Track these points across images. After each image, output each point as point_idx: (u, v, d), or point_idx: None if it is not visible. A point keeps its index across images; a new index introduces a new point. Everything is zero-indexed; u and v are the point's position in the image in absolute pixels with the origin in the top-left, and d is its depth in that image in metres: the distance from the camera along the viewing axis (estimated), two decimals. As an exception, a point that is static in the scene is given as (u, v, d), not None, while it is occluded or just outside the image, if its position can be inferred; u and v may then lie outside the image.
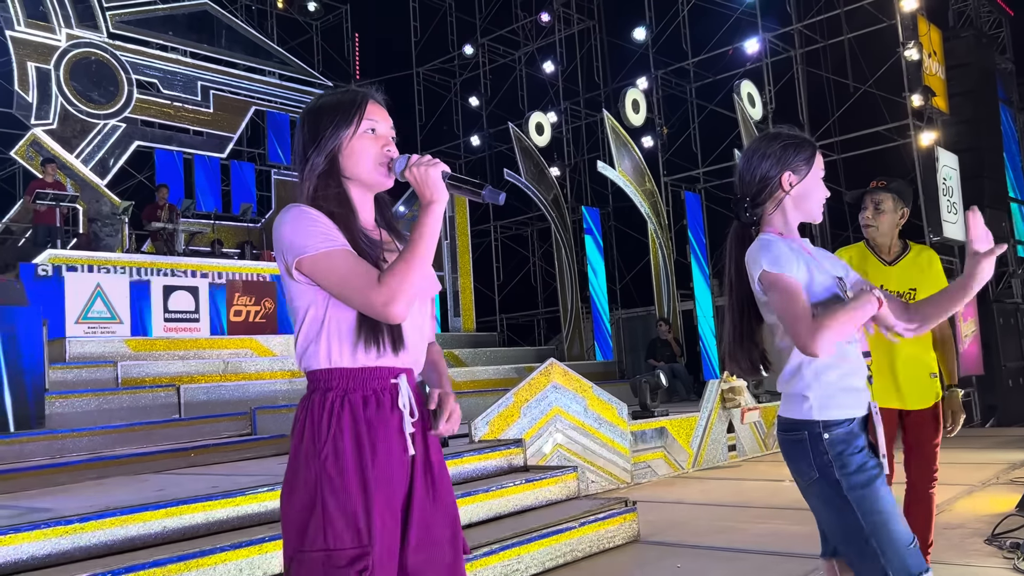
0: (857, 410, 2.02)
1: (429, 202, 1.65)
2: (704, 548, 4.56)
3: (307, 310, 1.65)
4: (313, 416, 1.61)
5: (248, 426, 6.93)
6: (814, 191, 2.11)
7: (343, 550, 1.54)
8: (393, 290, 1.56)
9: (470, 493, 4.57)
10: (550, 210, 13.39)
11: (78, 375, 7.28)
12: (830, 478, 1.97)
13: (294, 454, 1.62)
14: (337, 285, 1.60)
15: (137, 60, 13.08)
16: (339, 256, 1.60)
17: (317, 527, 1.55)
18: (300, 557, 1.56)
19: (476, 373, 10.03)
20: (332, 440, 1.58)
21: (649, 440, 7.37)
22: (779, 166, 2.09)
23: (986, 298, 12.44)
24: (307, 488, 1.57)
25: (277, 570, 3.51)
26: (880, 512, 1.93)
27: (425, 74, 18.52)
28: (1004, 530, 4.32)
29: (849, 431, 1.99)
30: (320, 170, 1.71)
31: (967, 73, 12.44)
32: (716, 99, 14.06)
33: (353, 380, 1.63)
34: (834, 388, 2.00)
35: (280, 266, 1.68)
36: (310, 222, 1.63)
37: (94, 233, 11.77)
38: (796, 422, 2.03)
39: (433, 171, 1.65)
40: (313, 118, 1.76)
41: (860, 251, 3.46)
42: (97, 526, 3.30)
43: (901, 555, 1.91)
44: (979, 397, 11.87)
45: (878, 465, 1.99)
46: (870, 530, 1.92)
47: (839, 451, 1.97)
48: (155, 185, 12.68)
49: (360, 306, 1.60)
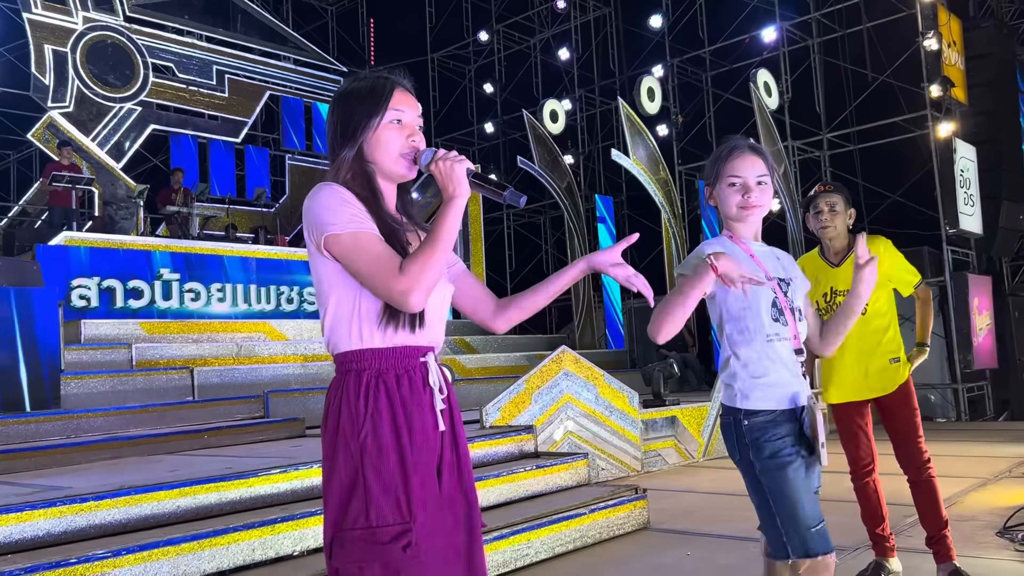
0: (778, 403, 2.18)
1: (451, 197, 1.66)
2: (713, 536, 4.57)
3: (335, 289, 1.66)
4: (349, 397, 1.62)
5: (261, 409, 6.97)
6: (728, 197, 2.28)
7: (386, 527, 1.56)
8: (412, 280, 1.57)
9: (481, 478, 4.59)
10: (563, 198, 13.36)
11: (93, 356, 7.34)
12: (747, 460, 2.19)
13: (331, 436, 1.63)
14: (359, 266, 1.61)
15: (153, 44, 13.11)
16: (366, 239, 1.62)
17: (359, 506, 1.57)
18: (342, 536, 1.58)
19: (488, 360, 10.05)
20: (370, 419, 1.60)
21: (660, 429, 7.37)
22: (707, 178, 2.36)
23: (1001, 291, 12.35)
24: (347, 468, 1.59)
25: (289, 550, 3.55)
26: (786, 496, 2.12)
27: (440, 60, 18.49)
28: (1016, 523, 4.30)
29: (769, 420, 2.17)
30: (348, 156, 1.73)
31: (987, 64, 12.30)
32: (732, 88, 13.98)
33: (386, 360, 1.65)
34: (756, 382, 2.19)
35: (309, 242, 1.69)
36: (341, 201, 1.65)
37: (109, 216, 11.83)
38: (726, 408, 2.26)
39: (459, 167, 1.67)
40: (343, 103, 1.78)
41: (811, 258, 3.67)
42: (111, 504, 3.34)
43: (802, 536, 2.11)
44: (993, 391, 11.80)
45: (796, 454, 2.15)
46: (776, 510, 2.13)
47: (755, 437, 2.17)
48: (170, 169, 12.73)
49: (379, 291, 1.62)
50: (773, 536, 2.17)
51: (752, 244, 2.29)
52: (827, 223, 3.53)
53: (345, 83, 1.85)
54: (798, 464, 2.15)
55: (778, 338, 2.19)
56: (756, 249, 2.30)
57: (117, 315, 8.57)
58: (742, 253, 2.25)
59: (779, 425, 2.17)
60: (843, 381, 3.55)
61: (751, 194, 2.24)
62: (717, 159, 2.31)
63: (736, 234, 2.29)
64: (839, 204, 3.54)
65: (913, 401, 3.51)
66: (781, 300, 2.22)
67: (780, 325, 2.20)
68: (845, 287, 3.49)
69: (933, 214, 11.24)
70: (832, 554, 2.14)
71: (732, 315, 2.21)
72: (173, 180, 12.04)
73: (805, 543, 2.11)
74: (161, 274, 9.05)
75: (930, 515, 3.43)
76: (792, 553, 2.12)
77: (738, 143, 2.30)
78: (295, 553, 3.58)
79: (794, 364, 2.21)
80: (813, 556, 2.10)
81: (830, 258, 3.61)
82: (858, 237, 2.32)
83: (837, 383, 3.57)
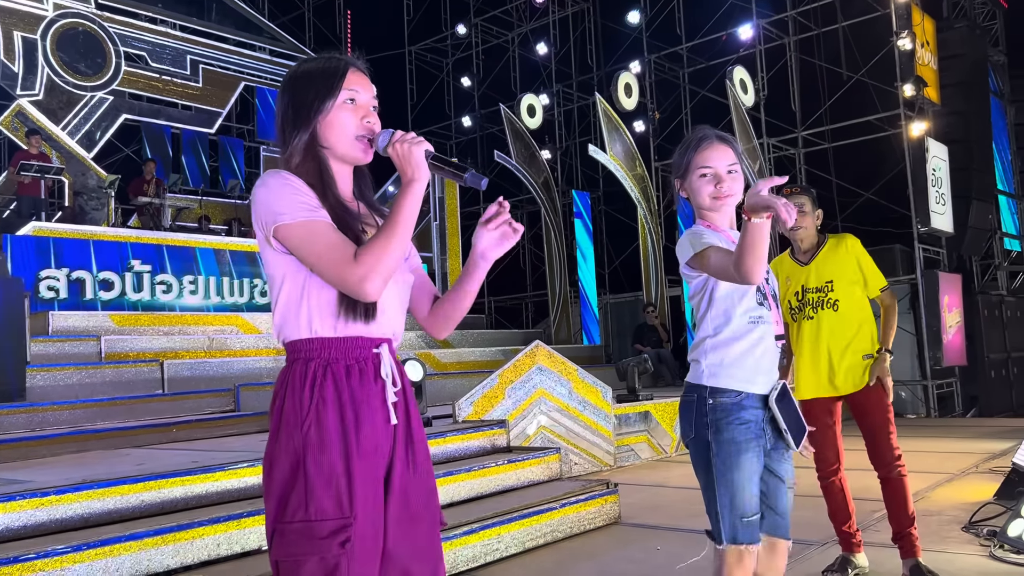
0: (750, 386, 2.17)
1: (410, 180, 1.62)
2: (684, 531, 4.58)
3: (285, 279, 1.62)
4: (294, 386, 1.58)
5: (232, 403, 6.90)
6: (700, 188, 2.27)
7: (324, 521, 1.52)
8: (368, 268, 1.53)
9: (452, 472, 4.58)
10: (540, 193, 13.35)
11: (61, 348, 7.23)
12: (703, 439, 2.18)
13: (275, 426, 1.59)
14: (312, 257, 1.57)
15: (125, 32, 12.91)
16: (318, 227, 1.57)
17: (299, 499, 1.52)
18: (281, 529, 1.54)
19: (463, 355, 10.02)
20: (315, 409, 1.55)
21: (633, 424, 7.39)
22: (674, 173, 2.36)
23: (971, 290, 12.51)
24: (289, 459, 1.55)
25: (255, 545, 3.51)
26: (731, 483, 2.14)
27: (417, 53, 18.39)
28: (981, 518, 4.35)
29: (735, 403, 2.16)
30: (300, 140, 1.67)
31: (959, 64, 12.44)
32: (709, 85, 14.03)
33: (335, 349, 1.60)
34: (728, 361, 2.17)
35: (258, 232, 1.63)
36: (292, 190, 1.60)
37: (79, 206, 11.65)
38: (691, 385, 2.25)
39: (416, 149, 1.62)
40: (293, 86, 1.72)
41: (783, 260, 3.73)
42: (74, 498, 3.28)
43: (735, 524, 2.14)
44: (961, 388, 11.95)
45: (755, 441, 2.15)
46: (718, 494, 2.16)
47: (717, 417, 2.16)
48: (142, 159, 12.56)
49: (334, 281, 1.57)
50: (711, 514, 2.20)
51: (731, 232, 2.29)
52: (797, 224, 3.58)
53: (296, 65, 1.79)
54: (752, 454, 2.16)
55: (761, 321, 2.20)
56: (735, 236, 2.28)
57: (87, 307, 8.44)
58: (724, 239, 2.23)
59: (744, 409, 2.16)
60: (814, 377, 3.57)
61: (723, 184, 2.24)
62: (686, 150, 2.30)
63: (713, 223, 2.28)
64: (807, 205, 3.60)
65: (886, 399, 3.53)
66: (764, 286, 2.23)
67: (764, 309, 2.22)
68: (815, 284, 3.57)
69: (905, 212, 11.35)
70: (757, 546, 2.17)
71: (719, 295, 2.21)
72: (145, 170, 11.88)
73: (735, 531, 2.14)
74: (132, 266, 8.94)
75: (898, 512, 3.46)
76: (723, 538, 2.16)
77: (706, 133, 2.29)
78: (262, 548, 3.54)
79: (773, 349, 2.22)
80: (740, 544, 2.14)
81: (799, 257, 3.67)
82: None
83: (808, 379, 3.59)
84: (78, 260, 8.56)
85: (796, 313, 3.61)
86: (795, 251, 3.70)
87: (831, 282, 3.55)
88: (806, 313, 3.57)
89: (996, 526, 4.10)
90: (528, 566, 4.10)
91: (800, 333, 3.59)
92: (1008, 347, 13.14)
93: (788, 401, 2.20)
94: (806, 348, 3.57)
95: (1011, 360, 13.15)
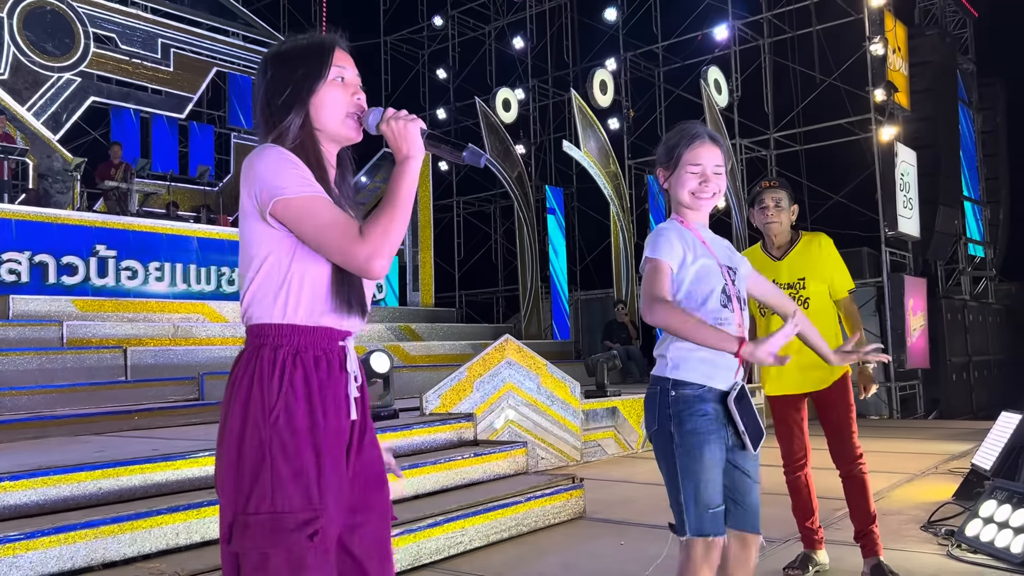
0: (713, 381, 2.19)
1: (406, 157, 1.59)
2: (647, 526, 4.60)
3: (267, 258, 1.56)
4: (263, 373, 1.51)
5: (196, 391, 6.81)
6: (686, 183, 2.27)
7: (293, 513, 1.47)
8: (376, 245, 1.50)
9: (418, 465, 4.55)
10: (514, 188, 13.33)
11: (21, 333, 7.07)
12: (666, 431, 2.20)
13: (239, 413, 1.51)
14: (315, 233, 1.52)
15: (95, 13, 12.67)
16: (322, 203, 1.53)
17: (264, 490, 1.47)
18: (244, 520, 1.47)
19: (432, 348, 9.98)
20: (284, 399, 1.50)
21: (600, 419, 7.41)
22: (658, 163, 2.35)
23: (936, 294, 12.70)
24: (254, 449, 1.49)
25: (215, 535, 3.45)
26: (695, 474, 2.15)
27: (393, 43, 18.28)
28: (940, 518, 4.42)
29: (697, 396, 2.18)
30: (292, 121, 1.62)
31: (929, 71, 12.61)
32: (683, 84, 14.09)
33: (306, 338, 1.55)
34: (691, 354, 2.18)
35: (249, 205, 1.56)
36: (291, 164, 1.55)
37: (44, 189, 11.42)
38: (655, 378, 2.27)
39: (412, 126, 1.60)
40: (279, 66, 1.67)
41: (754, 252, 3.72)
42: (28, 485, 3.21)
43: (700, 516, 2.14)
44: (924, 390, 12.14)
45: (716, 434, 2.16)
46: (682, 486, 2.16)
47: (679, 409, 2.18)
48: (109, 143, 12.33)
49: (339, 257, 1.53)
50: (675, 508, 2.21)
51: (702, 231, 2.30)
52: (772, 218, 3.59)
53: (278, 44, 1.74)
54: (714, 445, 2.17)
55: (725, 323, 2.20)
56: (706, 236, 2.31)
57: (49, 291, 8.27)
58: (693, 238, 2.25)
59: (706, 402, 2.18)
60: (781, 373, 3.58)
61: (708, 183, 2.26)
62: (678, 144, 2.29)
63: (687, 219, 2.29)
64: (784, 200, 3.60)
65: (850, 397, 3.56)
66: (730, 287, 2.24)
67: (727, 312, 2.22)
68: (787, 280, 3.58)
69: (873, 216, 11.49)
70: (723, 538, 2.17)
71: (681, 296, 2.21)
72: (112, 154, 11.66)
73: (701, 523, 2.14)
74: (97, 251, 8.78)
75: (859, 510, 3.49)
76: (688, 530, 2.16)
77: (699, 131, 2.30)
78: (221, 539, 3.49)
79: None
80: (706, 536, 2.14)
81: (772, 252, 3.67)
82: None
83: (775, 375, 3.60)
84: (41, 244, 8.39)
85: (766, 308, 3.61)
86: (767, 245, 3.70)
87: (803, 279, 3.56)
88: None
89: (954, 526, 4.16)
90: (492, 559, 4.09)
91: (769, 329, 3.59)
92: (969, 351, 13.38)
93: (746, 403, 2.20)
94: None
95: (972, 364, 13.39)
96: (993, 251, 15.36)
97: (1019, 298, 15.99)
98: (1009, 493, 3.87)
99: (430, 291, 12.72)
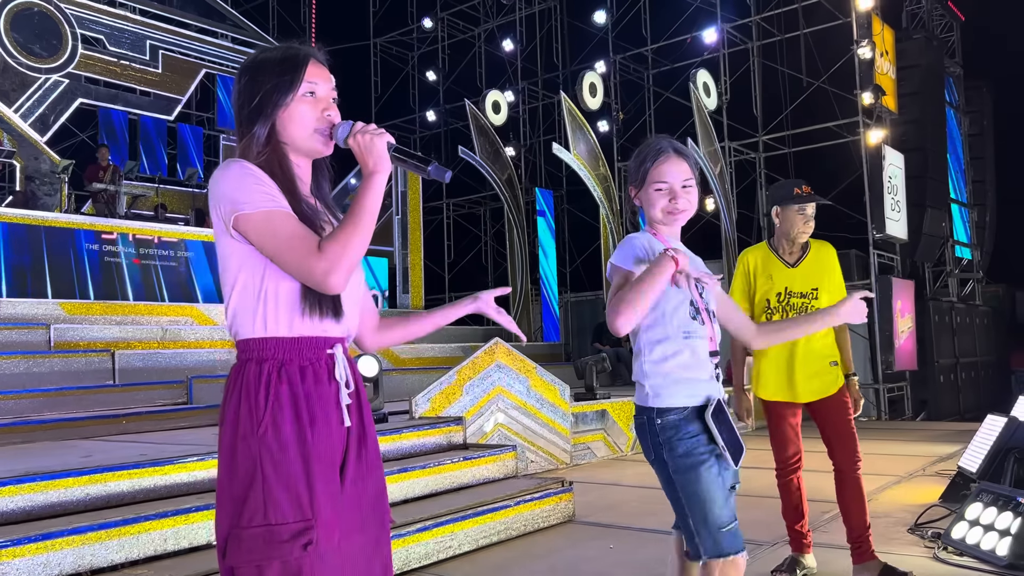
0: (692, 400, 2.17)
1: (371, 172, 1.59)
2: (636, 529, 4.61)
3: (240, 273, 1.57)
4: (249, 388, 1.53)
5: (184, 395, 6.78)
6: (655, 201, 2.27)
7: (285, 524, 1.49)
8: (333, 260, 1.50)
9: (407, 469, 4.55)
10: (504, 190, 13.33)
11: (8, 336, 7.02)
12: (661, 459, 2.18)
13: (229, 429, 1.54)
14: (275, 249, 1.53)
15: (83, 14, 12.62)
16: (280, 218, 1.54)
17: (256, 503, 1.49)
18: (238, 534, 1.49)
19: (421, 350, 9.97)
20: (271, 412, 1.52)
21: (590, 422, 7.42)
22: (631, 179, 2.34)
23: (923, 296, 12.78)
24: (245, 462, 1.51)
25: (204, 541, 3.44)
26: (698, 495, 2.12)
27: (382, 45, 18.26)
28: (927, 520, 4.44)
29: (681, 418, 2.15)
30: (260, 135, 1.64)
31: (917, 74, 12.70)
32: (673, 87, 14.13)
33: (289, 350, 1.56)
34: (668, 379, 2.17)
35: (216, 222, 1.58)
36: (254, 179, 1.56)
37: (31, 192, 11.37)
38: (639, 408, 2.24)
39: (378, 140, 1.59)
40: (252, 76, 1.67)
41: (764, 253, 3.66)
42: (14, 491, 3.19)
43: (714, 536, 2.11)
44: (912, 392, 12.21)
45: (709, 452, 2.14)
46: (689, 509, 2.14)
47: (668, 436, 2.15)
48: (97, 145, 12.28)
49: (297, 273, 1.53)
50: (687, 532, 2.18)
51: (673, 242, 2.28)
52: (807, 228, 3.56)
53: (254, 54, 1.74)
54: (711, 463, 2.14)
55: (695, 336, 2.18)
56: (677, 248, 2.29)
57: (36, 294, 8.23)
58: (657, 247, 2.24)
59: (691, 423, 2.15)
60: (780, 380, 3.55)
61: (678, 200, 2.24)
62: (643, 161, 2.28)
63: (660, 234, 2.28)
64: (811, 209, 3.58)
65: (849, 401, 3.56)
66: (698, 300, 2.21)
67: (697, 324, 2.19)
68: (800, 288, 3.53)
69: (861, 218, 11.55)
70: (743, 553, 2.13)
71: (653, 310, 2.18)
72: (99, 156, 11.60)
73: (718, 544, 2.10)
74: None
75: (858, 513, 3.46)
76: (704, 554, 2.12)
77: (663, 146, 2.27)
78: (211, 543, 3.48)
79: (708, 364, 2.20)
80: (725, 556, 2.10)
81: (786, 258, 3.62)
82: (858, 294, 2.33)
83: (774, 381, 3.57)
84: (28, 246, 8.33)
85: (772, 313, 3.56)
86: (779, 249, 3.64)
87: (816, 289, 3.53)
88: (782, 316, 3.52)
89: (941, 528, 4.19)
90: (481, 564, 4.09)
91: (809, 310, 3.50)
92: (957, 353, 13.46)
93: (724, 418, 2.17)
94: (775, 349, 3.51)
95: (960, 365, 13.48)
96: (980, 253, 15.47)
97: (1006, 300, 16.12)
98: (995, 496, 3.90)
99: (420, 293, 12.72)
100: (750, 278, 3.65)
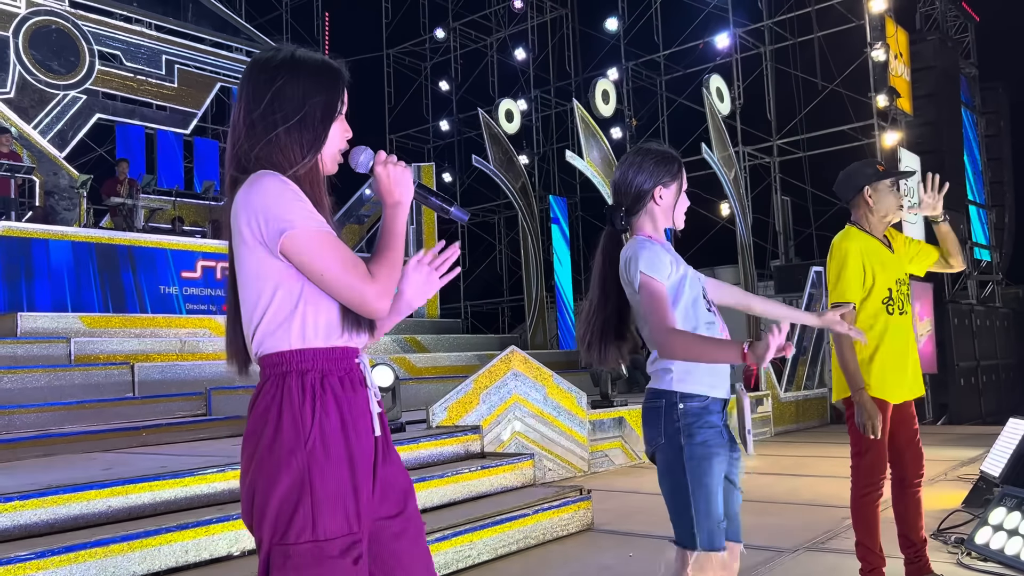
0: (716, 391, 2.21)
1: (397, 202, 1.63)
2: (656, 537, 4.58)
3: (279, 288, 1.54)
4: (292, 400, 1.50)
5: (203, 407, 6.82)
6: (680, 203, 2.34)
7: (334, 539, 1.47)
8: (385, 285, 1.55)
9: (425, 478, 4.55)
10: (518, 198, 13.35)
11: (29, 350, 7.10)
12: (675, 444, 2.17)
13: (268, 443, 1.49)
14: (325, 270, 1.51)
15: (99, 31, 12.77)
16: (332, 241, 1.53)
17: (304, 519, 1.46)
18: (283, 551, 1.46)
19: (438, 359, 9.99)
20: (319, 425, 1.49)
21: (607, 429, 7.40)
22: (652, 180, 2.31)
23: (942, 299, 12.67)
24: (289, 478, 1.47)
25: (224, 552, 3.47)
26: (706, 487, 2.14)
27: (395, 56, 18.36)
28: (949, 525, 4.40)
29: (703, 407, 2.18)
30: (310, 145, 1.59)
31: (932, 76, 12.63)
32: (685, 93, 14.12)
33: (327, 360, 1.55)
34: (697, 365, 2.18)
35: (253, 235, 1.51)
36: (294, 195, 1.53)
37: (51, 207, 11.48)
38: (658, 391, 2.24)
39: (409, 174, 1.65)
40: (295, 76, 1.59)
41: (865, 239, 3.28)
42: (38, 504, 3.22)
43: (711, 530, 2.14)
44: (932, 395, 12.10)
45: (722, 446, 2.18)
46: (694, 499, 2.15)
47: (689, 422, 2.17)
48: (115, 159, 12.41)
49: (348, 297, 1.53)
50: (683, 524, 2.18)
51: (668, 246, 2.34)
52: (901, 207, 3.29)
53: (286, 51, 1.64)
54: (722, 457, 2.18)
55: (714, 327, 2.24)
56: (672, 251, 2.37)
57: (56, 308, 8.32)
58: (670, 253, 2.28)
59: (711, 413, 2.19)
60: (902, 378, 3.21)
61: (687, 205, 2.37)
62: (673, 163, 2.33)
63: (656, 236, 2.33)
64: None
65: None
66: (708, 293, 2.31)
67: (713, 315, 2.26)
68: (901, 276, 3.28)
69: (878, 222, 11.46)
70: (724, 553, 2.17)
71: (679, 305, 2.23)
72: (118, 171, 11.72)
73: (712, 537, 2.14)
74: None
75: (918, 527, 3.25)
76: (700, 545, 2.14)
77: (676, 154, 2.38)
78: (234, 554, 3.50)
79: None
80: (717, 550, 2.14)
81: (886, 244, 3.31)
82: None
83: (895, 380, 3.20)
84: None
85: (891, 305, 3.18)
86: (877, 234, 3.26)
87: (906, 277, 3.29)
88: (899, 307, 3.19)
89: (964, 533, 4.15)
90: (500, 573, 4.09)
91: (889, 328, 3.17)
92: (977, 356, 13.33)
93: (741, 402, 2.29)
94: (897, 346, 3.17)
95: (980, 368, 13.35)
96: (999, 255, 15.33)
97: (1026, 301, 15.95)
98: (1019, 500, 3.86)
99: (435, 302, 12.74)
100: (864, 269, 3.20)
